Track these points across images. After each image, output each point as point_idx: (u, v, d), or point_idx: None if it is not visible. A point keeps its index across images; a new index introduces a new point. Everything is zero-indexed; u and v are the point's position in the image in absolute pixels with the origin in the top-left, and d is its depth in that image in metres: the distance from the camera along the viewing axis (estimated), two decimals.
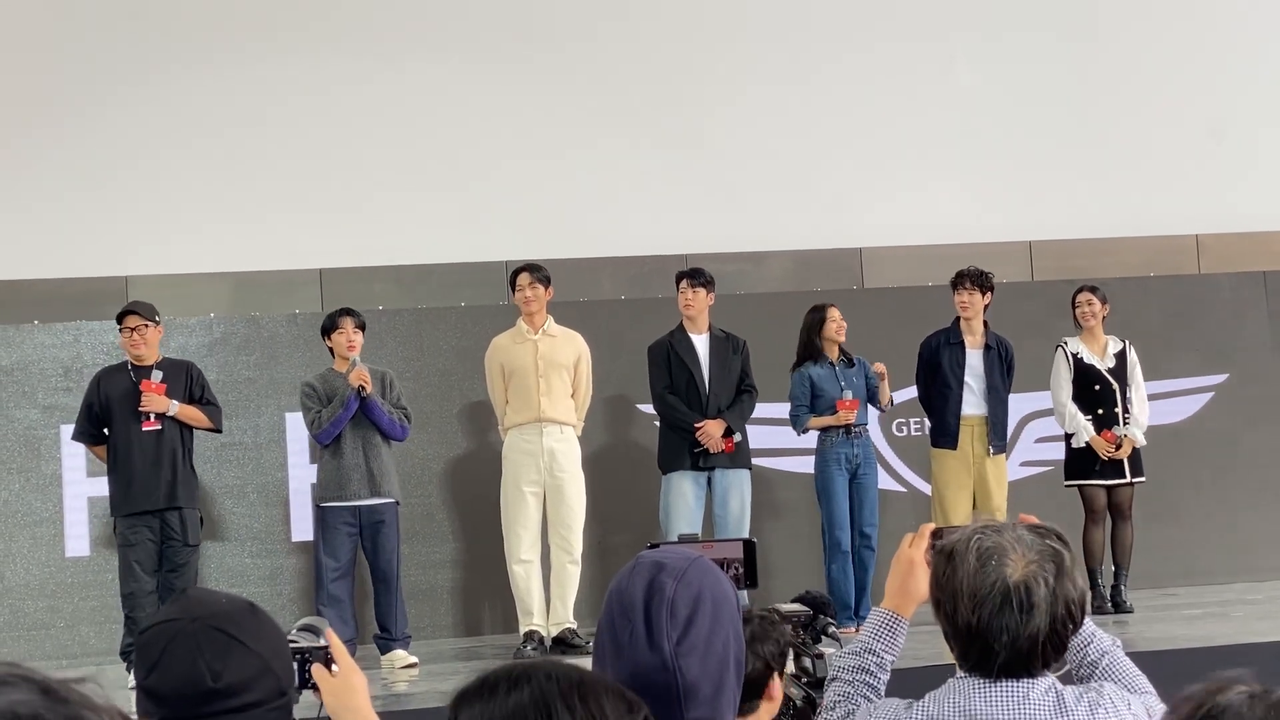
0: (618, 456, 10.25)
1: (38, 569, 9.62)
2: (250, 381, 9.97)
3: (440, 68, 10.87)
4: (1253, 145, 11.77)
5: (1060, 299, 10.08)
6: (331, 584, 8.48)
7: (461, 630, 10.05)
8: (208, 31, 10.58)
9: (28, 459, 9.70)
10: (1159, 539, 10.37)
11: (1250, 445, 11.08)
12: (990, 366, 9.44)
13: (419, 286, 10.54)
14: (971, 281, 9.42)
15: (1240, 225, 11.57)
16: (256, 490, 9.93)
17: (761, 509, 9.70)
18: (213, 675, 2.20)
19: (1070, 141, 11.57)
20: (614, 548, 9.70)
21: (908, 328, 9.92)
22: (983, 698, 2.69)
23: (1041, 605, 2.63)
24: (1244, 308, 11.32)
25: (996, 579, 2.64)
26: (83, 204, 10.32)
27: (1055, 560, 2.67)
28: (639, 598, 2.21)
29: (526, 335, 8.98)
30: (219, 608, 2.29)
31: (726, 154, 11.16)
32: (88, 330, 9.86)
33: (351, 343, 8.62)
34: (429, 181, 10.72)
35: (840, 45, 11.40)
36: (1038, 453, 10.75)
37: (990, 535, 2.69)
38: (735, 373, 9.22)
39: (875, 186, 11.25)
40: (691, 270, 9.35)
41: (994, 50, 11.64)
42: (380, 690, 7.44)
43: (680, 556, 2.28)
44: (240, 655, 2.23)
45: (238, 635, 2.24)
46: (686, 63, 11.19)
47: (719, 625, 2.22)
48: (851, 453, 9.29)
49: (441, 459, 10.13)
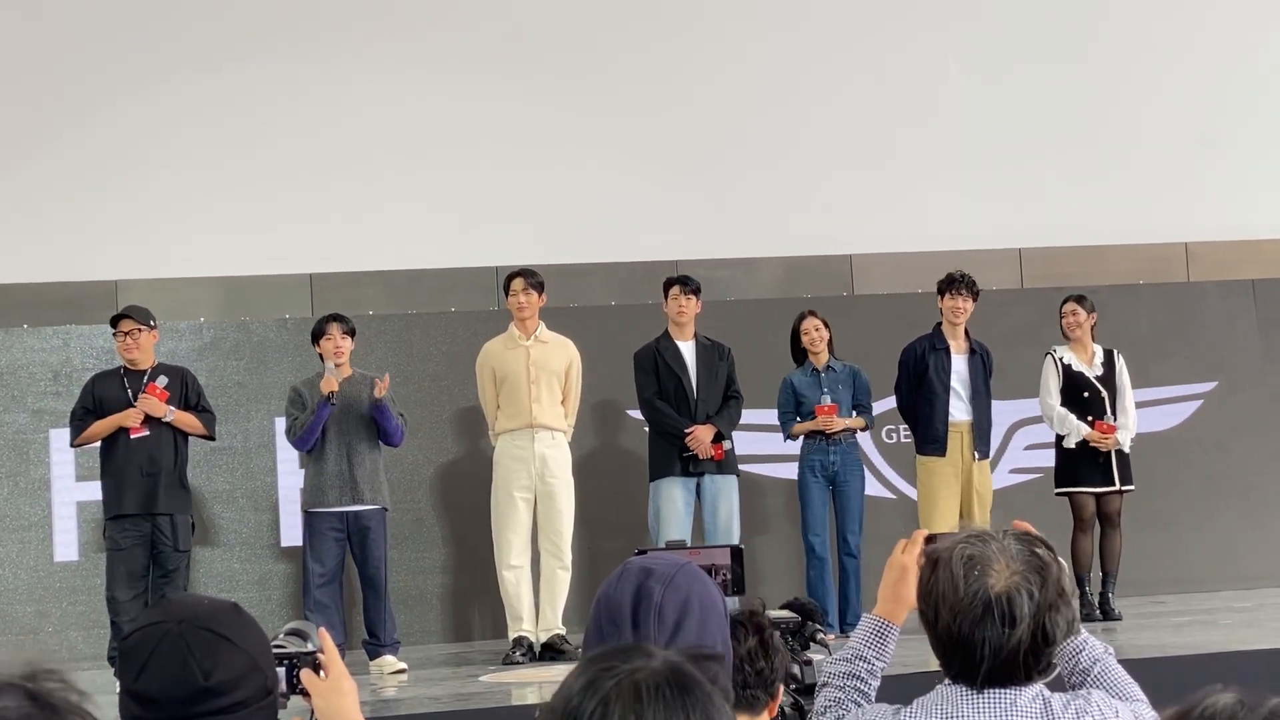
0: (607, 462, 10.25)
1: (26, 573, 9.60)
2: (240, 386, 9.96)
3: (430, 74, 10.86)
4: (1243, 154, 11.79)
5: (1050, 306, 10.09)
6: (318, 589, 8.46)
7: (451, 636, 10.04)
8: (198, 38, 10.57)
9: (16, 463, 9.69)
10: (1147, 546, 10.37)
11: (1239, 453, 11.10)
12: (975, 372, 9.45)
13: (409, 292, 10.53)
14: (966, 288, 9.43)
15: (1229, 234, 11.60)
16: (246, 495, 9.92)
17: (749, 515, 9.69)
18: (204, 674, 2.20)
19: (1060, 149, 11.59)
20: (603, 554, 9.69)
21: (897, 335, 9.92)
22: (970, 705, 2.68)
23: (1023, 617, 2.62)
24: (1233, 316, 11.34)
25: (979, 589, 2.63)
26: (72, 208, 10.31)
27: (1040, 572, 2.65)
28: (627, 603, 2.21)
29: (519, 341, 8.98)
30: (203, 608, 2.29)
31: (717, 160, 11.17)
32: (77, 334, 9.84)
33: (339, 348, 8.58)
34: (419, 187, 10.72)
35: (831, 52, 11.40)
36: (1027, 460, 10.76)
37: (976, 544, 2.68)
38: (722, 379, 9.23)
39: (866, 193, 11.26)
40: (682, 277, 9.37)
41: (985, 58, 11.66)
42: (369, 695, 7.43)
43: (668, 562, 2.28)
44: (229, 653, 2.23)
45: (225, 633, 2.25)
46: (677, 69, 11.20)
47: (707, 631, 2.22)
48: (828, 460, 9.29)
49: (431, 464, 10.13)
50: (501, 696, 7.47)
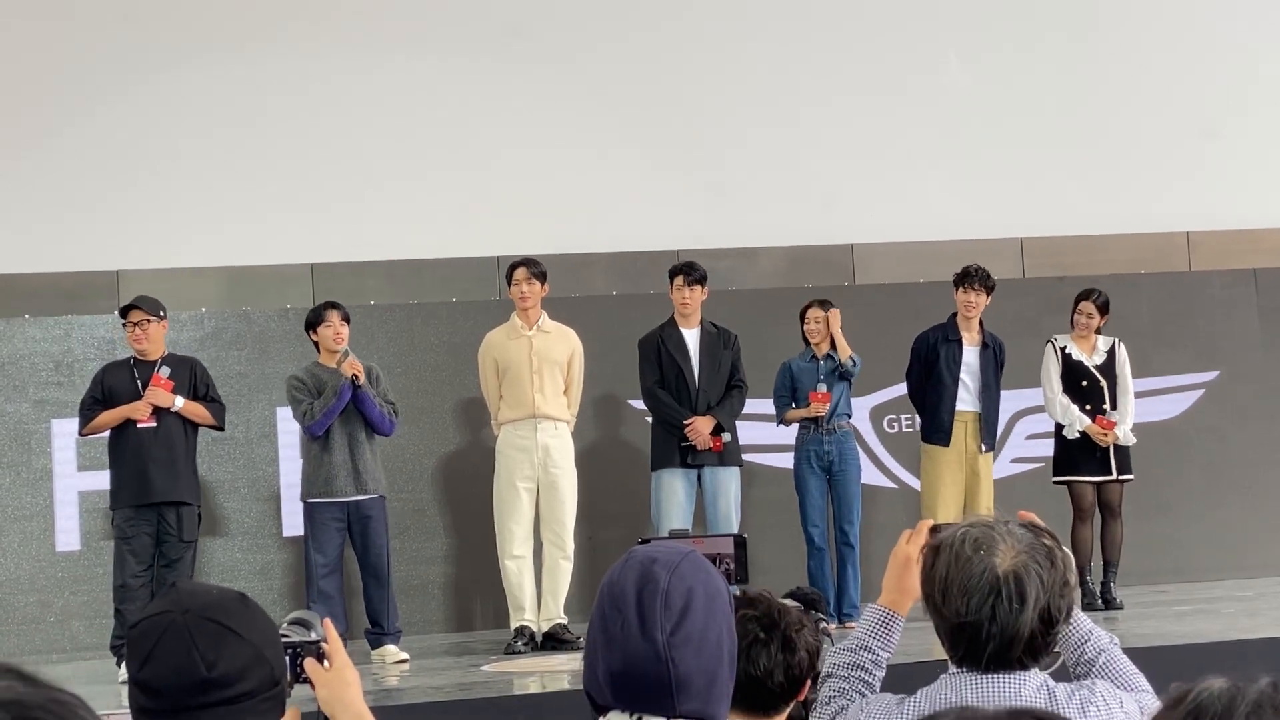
0: (609, 453, 10.25)
1: (28, 563, 9.61)
2: (242, 376, 9.96)
3: (432, 63, 10.86)
4: (1244, 143, 11.78)
5: (1051, 296, 10.09)
6: (321, 580, 8.47)
7: (453, 625, 10.05)
8: (198, 27, 10.56)
9: (18, 453, 9.69)
10: (1148, 535, 10.38)
11: (1240, 442, 11.10)
12: (986, 364, 9.46)
13: (411, 281, 10.53)
14: (980, 282, 9.44)
15: (1231, 223, 11.59)
16: (248, 485, 9.93)
17: (751, 505, 9.70)
18: (207, 665, 2.20)
19: (1062, 139, 11.58)
20: (605, 544, 9.70)
21: (899, 324, 9.92)
22: (974, 693, 2.69)
23: (1031, 596, 2.63)
24: (1234, 305, 11.34)
25: (985, 569, 2.64)
26: (74, 198, 10.30)
27: (1046, 554, 2.67)
28: (631, 589, 2.21)
29: (521, 331, 8.98)
30: (210, 599, 2.29)
31: (719, 150, 11.16)
32: (79, 324, 9.85)
33: (339, 335, 8.60)
34: (421, 176, 10.72)
35: (833, 42, 11.40)
36: (1028, 449, 10.76)
37: (980, 528, 2.69)
38: (725, 368, 9.20)
39: (867, 183, 11.25)
40: (686, 265, 9.31)
41: (986, 47, 11.65)
42: (371, 685, 7.44)
43: (673, 551, 2.28)
44: (234, 644, 2.23)
45: (230, 625, 2.24)
46: (679, 58, 11.19)
47: (713, 619, 2.22)
48: (823, 450, 9.29)
49: (433, 454, 10.13)
50: (503, 686, 7.48)
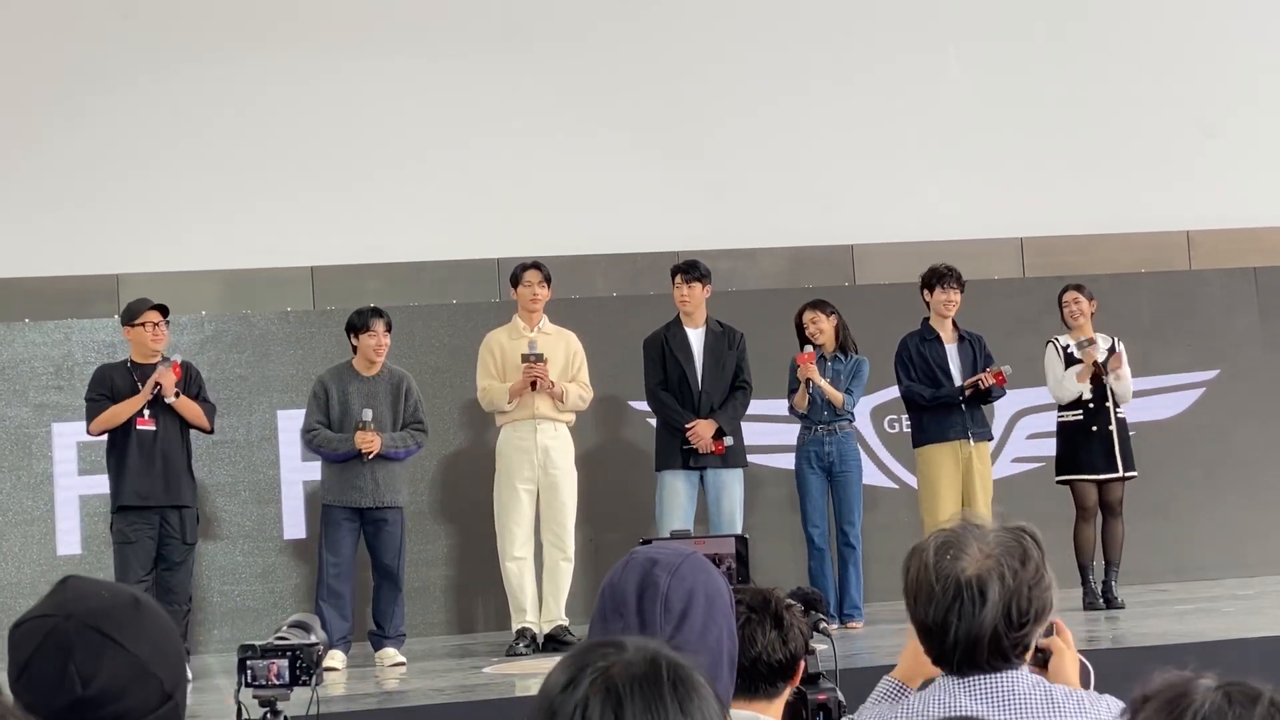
0: (610, 454, 10.24)
1: (29, 567, 9.60)
2: (242, 379, 9.96)
3: (432, 64, 10.86)
4: (1243, 141, 11.79)
5: (1051, 295, 10.08)
6: (332, 579, 8.46)
7: (454, 627, 10.04)
8: (197, 30, 10.57)
9: (19, 457, 9.69)
10: (1150, 535, 10.38)
11: (1241, 441, 11.10)
12: (967, 358, 9.47)
13: (410, 284, 10.53)
14: (954, 280, 9.48)
15: (1231, 221, 11.59)
16: (248, 488, 9.92)
17: (754, 506, 9.69)
18: (83, 681, 2.04)
19: (1061, 138, 11.58)
20: (606, 545, 9.70)
21: (899, 324, 9.91)
22: (967, 694, 2.68)
23: (992, 596, 2.63)
24: (1235, 304, 11.33)
25: (950, 573, 2.65)
26: (74, 202, 10.31)
27: (1017, 556, 2.66)
28: (632, 591, 2.21)
29: (523, 332, 8.98)
30: (99, 602, 2.12)
31: (719, 151, 11.16)
32: (79, 328, 9.85)
33: (380, 346, 8.61)
34: (420, 178, 10.72)
35: (834, 43, 11.40)
36: (1028, 449, 10.76)
37: (953, 532, 2.70)
38: (730, 368, 9.17)
39: (867, 183, 11.26)
40: (686, 264, 9.28)
41: (986, 48, 11.65)
42: (372, 687, 7.43)
43: (674, 552, 2.28)
44: (114, 657, 2.07)
45: (114, 635, 2.08)
46: (680, 60, 11.19)
47: (713, 620, 2.22)
48: (824, 450, 9.27)
49: (434, 456, 10.12)
50: (505, 688, 7.47)
